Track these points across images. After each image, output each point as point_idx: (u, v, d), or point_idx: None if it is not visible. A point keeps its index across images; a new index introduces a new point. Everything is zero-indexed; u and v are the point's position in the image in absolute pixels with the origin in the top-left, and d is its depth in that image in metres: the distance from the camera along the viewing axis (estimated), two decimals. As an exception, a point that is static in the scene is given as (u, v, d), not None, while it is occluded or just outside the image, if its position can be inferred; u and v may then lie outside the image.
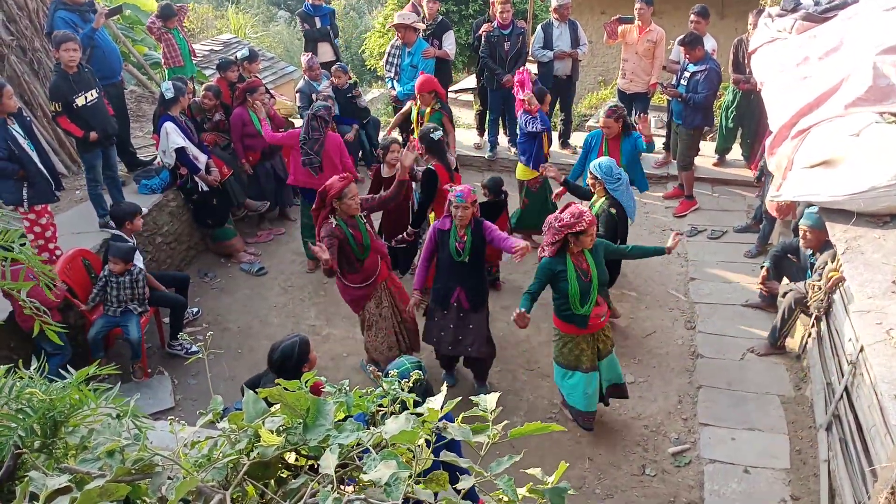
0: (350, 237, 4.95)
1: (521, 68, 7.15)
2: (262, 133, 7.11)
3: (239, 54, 8.06)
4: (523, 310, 4.54)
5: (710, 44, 7.70)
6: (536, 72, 8.61)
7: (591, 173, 5.52)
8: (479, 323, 5.19)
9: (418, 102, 6.77)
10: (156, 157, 7.23)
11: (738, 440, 4.95)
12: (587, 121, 11.18)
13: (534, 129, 6.52)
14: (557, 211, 4.66)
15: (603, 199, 5.52)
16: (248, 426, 1.43)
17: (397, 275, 6.42)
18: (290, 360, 3.90)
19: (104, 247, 5.92)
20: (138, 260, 5.73)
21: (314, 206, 5.08)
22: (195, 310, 6.56)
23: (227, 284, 7.06)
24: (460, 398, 1.52)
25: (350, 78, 8.26)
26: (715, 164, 8.59)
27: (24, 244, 1.86)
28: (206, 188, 6.90)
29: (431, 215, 6.16)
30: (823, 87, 4.63)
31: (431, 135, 5.90)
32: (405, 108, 7.47)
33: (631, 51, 8.12)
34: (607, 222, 5.41)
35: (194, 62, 8.89)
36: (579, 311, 4.61)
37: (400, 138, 7.37)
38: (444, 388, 1.60)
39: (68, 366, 1.74)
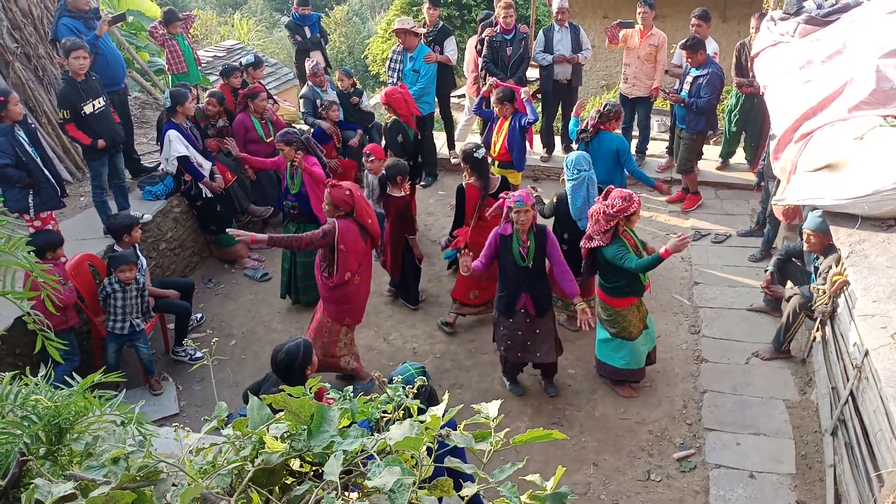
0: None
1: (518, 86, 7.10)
2: (265, 138, 7.17)
3: (244, 60, 8.09)
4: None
5: (711, 47, 7.71)
6: (538, 75, 8.64)
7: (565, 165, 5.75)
8: (547, 328, 5.21)
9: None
10: (160, 164, 7.26)
11: (743, 445, 4.94)
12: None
13: (525, 124, 6.65)
14: (600, 198, 4.96)
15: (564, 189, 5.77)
16: (252, 433, 1.43)
17: (407, 305, 6.56)
18: (295, 362, 3.88)
19: (107, 256, 5.84)
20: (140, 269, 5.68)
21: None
22: (199, 316, 6.57)
23: (231, 290, 7.07)
24: (462, 405, 1.52)
25: (354, 84, 8.28)
26: (718, 168, 8.59)
27: (29, 252, 1.87)
28: (210, 194, 6.91)
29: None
30: (827, 91, 4.63)
31: (475, 154, 5.92)
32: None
33: (633, 55, 8.12)
34: (546, 208, 5.91)
35: (199, 69, 8.93)
36: (644, 280, 5.06)
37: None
38: (447, 395, 1.60)
39: (74, 373, 1.74)
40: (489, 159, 6.50)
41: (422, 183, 8.63)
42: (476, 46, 8.58)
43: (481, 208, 5.86)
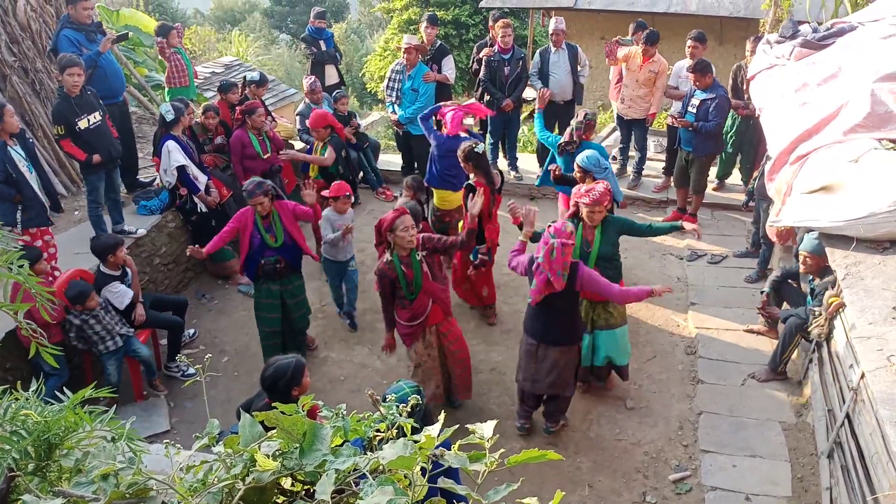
0: (401, 275, 4.83)
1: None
2: (262, 155, 7.20)
3: (248, 76, 8.12)
4: None
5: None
6: (535, 95, 8.69)
7: (577, 167, 5.78)
8: (566, 361, 4.97)
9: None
10: (155, 179, 7.26)
11: (739, 467, 4.91)
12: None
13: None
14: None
15: None
16: (243, 450, 1.41)
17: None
18: (281, 380, 3.85)
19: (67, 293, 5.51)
20: (115, 291, 5.56)
21: (375, 242, 5.02)
22: (192, 332, 6.54)
23: (225, 306, 7.04)
24: (458, 426, 1.51)
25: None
26: (715, 189, 8.62)
27: (23, 265, 1.86)
28: (205, 209, 6.90)
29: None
30: (822, 114, 4.66)
31: (475, 150, 5.88)
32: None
33: (632, 77, 8.16)
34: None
35: (195, 84, 8.97)
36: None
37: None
38: (443, 415, 1.58)
39: (65, 388, 1.72)
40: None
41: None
42: (472, 67, 8.65)
43: (494, 205, 6.03)
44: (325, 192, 6.28)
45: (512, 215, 5.13)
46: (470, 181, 6.05)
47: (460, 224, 6.36)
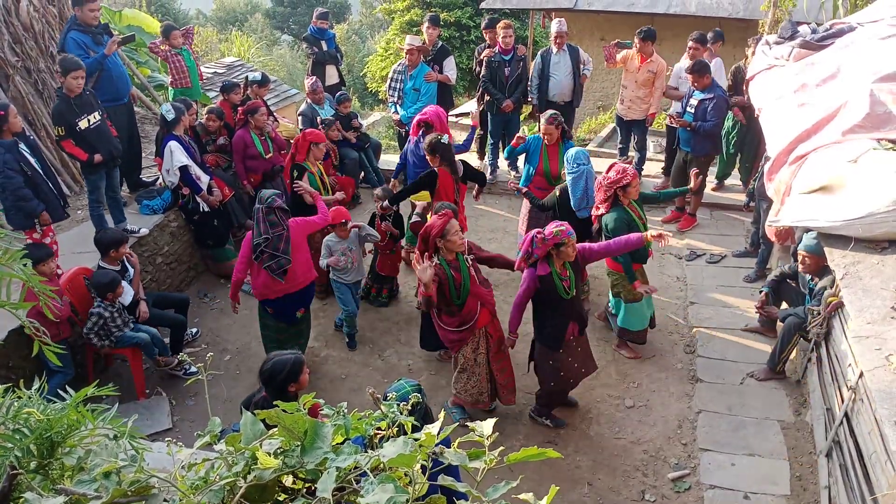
0: (450, 279, 4.83)
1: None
2: (264, 154, 7.23)
3: (250, 76, 8.13)
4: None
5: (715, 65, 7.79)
6: (536, 97, 8.70)
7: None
8: (586, 340, 5.33)
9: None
10: (158, 178, 7.27)
11: (738, 466, 4.92)
12: (586, 145, 11.26)
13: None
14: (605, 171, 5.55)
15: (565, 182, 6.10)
16: (245, 448, 1.43)
17: (433, 352, 6.22)
18: (279, 375, 3.91)
19: (93, 283, 5.59)
20: (127, 290, 5.64)
21: (419, 248, 4.97)
22: (194, 330, 6.56)
23: (227, 305, 7.03)
24: (457, 423, 1.52)
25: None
26: (714, 189, 8.64)
27: (26, 264, 1.87)
28: (207, 208, 6.93)
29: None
30: (821, 114, 4.67)
31: (441, 141, 6.10)
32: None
33: (631, 78, 8.18)
34: (548, 200, 6.11)
35: (200, 84, 8.97)
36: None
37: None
38: (442, 413, 1.60)
39: (68, 386, 1.74)
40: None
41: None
42: (476, 69, 8.66)
43: (459, 194, 6.31)
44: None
45: None
46: (434, 169, 6.21)
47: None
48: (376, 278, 6.87)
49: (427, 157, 6.24)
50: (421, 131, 6.80)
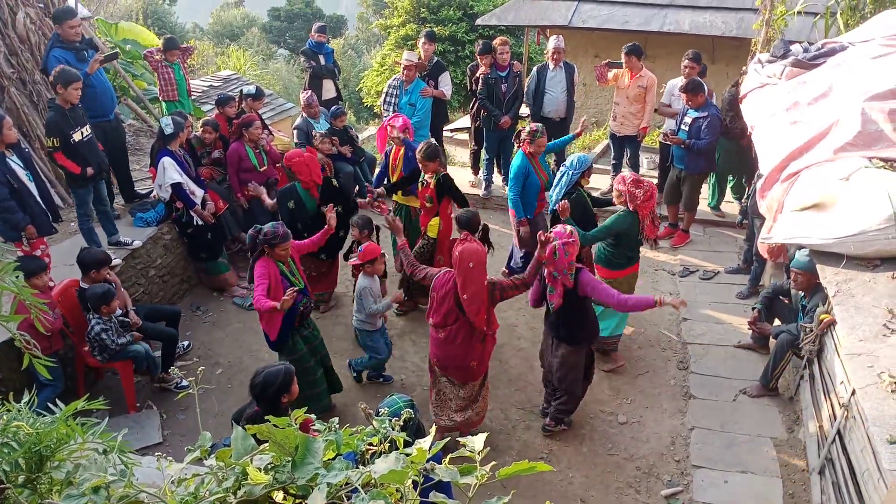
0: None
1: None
2: (259, 168, 7.25)
3: (244, 89, 8.16)
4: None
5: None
6: (530, 112, 8.76)
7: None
8: (578, 361, 5.30)
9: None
10: (152, 191, 7.26)
11: (731, 483, 4.91)
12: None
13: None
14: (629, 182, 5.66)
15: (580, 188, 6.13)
16: (235, 464, 1.42)
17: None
18: (271, 387, 3.91)
19: (88, 296, 5.51)
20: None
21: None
22: (186, 343, 6.53)
23: (219, 318, 7.03)
24: (449, 438, 1.52)
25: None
26: (717, 216, 8.65)
27: (18, 277, 1.86)
28: (200, 222, 6.91)
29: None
30: (813, 132, 4.71)
31: (434, 146, 6.31)
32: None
33: (622, 95, 8.27)
34: (576, 204, 5.90)
35: (191, 99, 8.99)
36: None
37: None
38: (433, 428, 1.59)
39: (58, 399, 1.73)
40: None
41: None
42: (471, 87, 8.71)
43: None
44: (353, 260, 5.97)
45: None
46: (424, 178, 6.29)
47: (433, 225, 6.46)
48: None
49: (421, 164, 6.25)
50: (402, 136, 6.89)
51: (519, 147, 6.65)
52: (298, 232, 6.21)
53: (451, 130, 12.54)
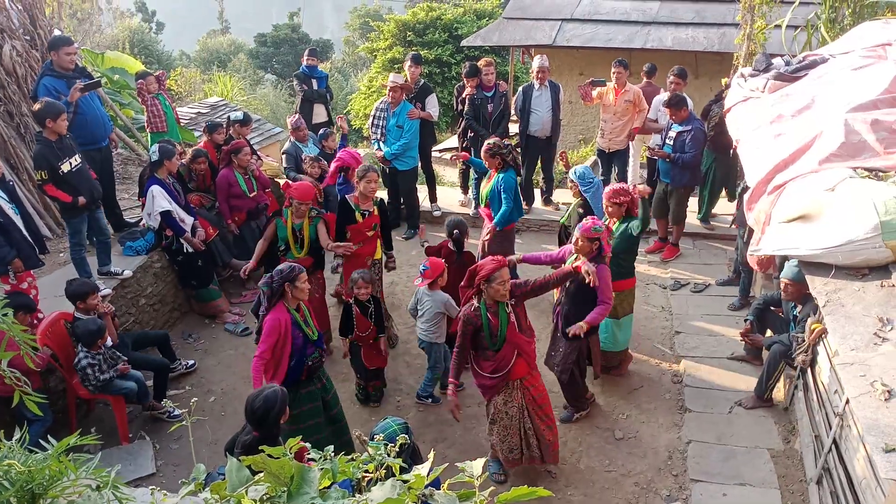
0: (486, 325, 4.65)
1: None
2: (248, 193, 7.25)
3: (232, 115, 8.18)
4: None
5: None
6: (518, 130, 8.82)
7: (570, 179, 6.50)
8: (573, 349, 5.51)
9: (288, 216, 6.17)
10: (141, 219, 7.24)
11: (729, 496, 4.89)
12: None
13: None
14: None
15: (577, 199, 6.47)
16: (230, 496, 1.41)
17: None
18: (272, 410, 3.81)
19: (76, 331, 5.51)
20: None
21: (462, 283, 4.87)
22: (191, 362, 6.58)
23: (212, 346, 6.99)
24: (447, 464, 1.51)
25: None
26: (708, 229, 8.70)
27: (7, 314, 1.85)
28: (191, 249, 6.90)
29: None
30: (797, 144, 4.75)
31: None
32: (268, 231, 6.25)
33: (609, 112, 8.39)
34: (579, 218, 6.01)
35: (179, 127, 9.00)
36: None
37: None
38: (432, 453, 1.59)
39: (49, 434, 1.71)
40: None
41: (403, 235, 8.76)
42: (457, 107, 8.78)
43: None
44: (421, 283, 5.75)
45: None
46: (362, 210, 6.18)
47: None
48: (366, 374, 6.02)
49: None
50: (341, 175, 7.07)
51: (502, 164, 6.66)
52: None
53: (440, 151, 12.61)
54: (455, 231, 6.16)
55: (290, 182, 6.63)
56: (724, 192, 8.58)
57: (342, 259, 6.37)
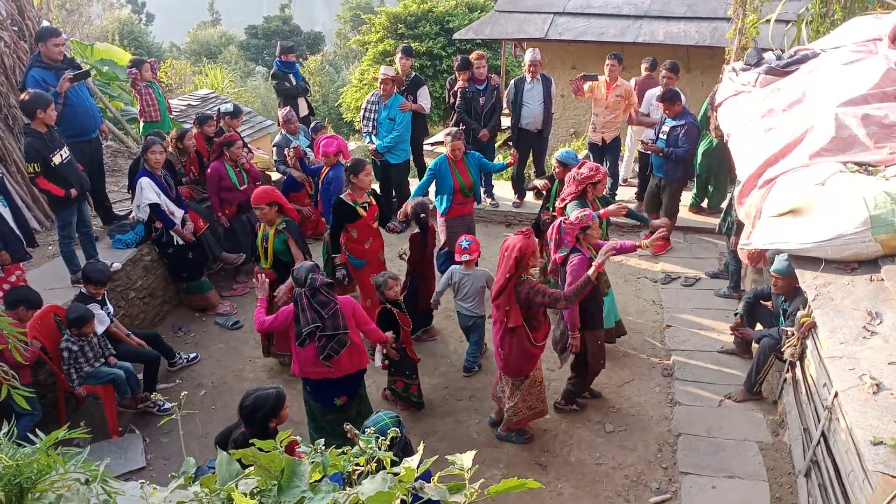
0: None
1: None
2: (239, 186, 7.22)
3: (223, 108, 8.13)
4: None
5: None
6: (510, 124, 8.82)
7: (556, 161, 6.64)
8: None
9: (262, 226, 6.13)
10: (131, 212, 7.20)
11: (718, 488, 4.92)
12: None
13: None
14: (576, 167, 6.10)
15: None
16: (220, 489, 1.40)
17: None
18: (260, 411, 3.85)
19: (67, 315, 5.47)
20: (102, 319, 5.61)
21: (508, 272, 4.78)
22: (193, 354, 6.59)
23: (202, 339, 6.96)
24: (437, 457, 1.51)
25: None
26: (690, 210, 8.75)
27: (-5, 305, 1.84)
28: (181, 242, 6.86)
29: None
30: (788, 138, 4.77)
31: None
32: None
33: (601, 106, 8.43)
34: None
35: (171, 117, 8.95)
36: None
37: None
38: (421, 446, 1.59)
39: (38, 428, 1.70)
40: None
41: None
42: (449, 100, 8.77)
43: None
44: (466, 258, 5.88)
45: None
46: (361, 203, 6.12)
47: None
48: (414, 370, 5.81)
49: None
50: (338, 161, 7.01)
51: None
52: None
53: (432, 144, 12.59)
54: (423, 215, 6.34)
55: (282, 174, 6.62)
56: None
57: (345, 268, 6.29)
